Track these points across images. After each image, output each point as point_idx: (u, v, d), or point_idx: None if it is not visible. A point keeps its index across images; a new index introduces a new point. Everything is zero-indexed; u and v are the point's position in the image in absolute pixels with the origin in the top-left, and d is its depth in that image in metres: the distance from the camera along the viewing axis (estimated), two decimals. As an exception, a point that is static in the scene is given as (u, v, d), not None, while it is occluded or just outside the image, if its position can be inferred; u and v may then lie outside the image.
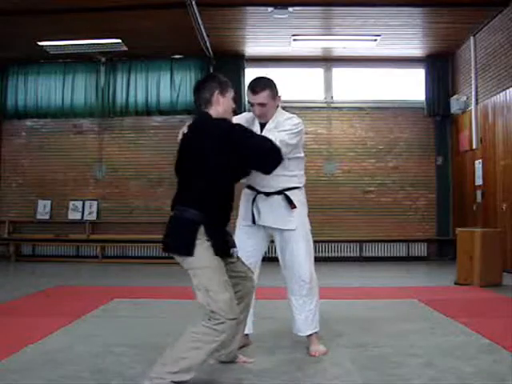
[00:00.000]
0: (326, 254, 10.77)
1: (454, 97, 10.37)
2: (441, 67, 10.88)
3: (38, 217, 11.16)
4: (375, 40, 9.79)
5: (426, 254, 10.86)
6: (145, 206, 10.94)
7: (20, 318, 4.82)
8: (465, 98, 10.13)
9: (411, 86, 11.14)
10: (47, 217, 11.17)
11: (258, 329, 3.88)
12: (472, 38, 9.66)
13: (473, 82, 9.71)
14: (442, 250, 10.82)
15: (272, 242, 3.82)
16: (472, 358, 3.41)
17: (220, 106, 3.14)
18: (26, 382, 2.91)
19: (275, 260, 3.70)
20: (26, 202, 11.25)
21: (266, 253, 3.97)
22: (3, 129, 11.50)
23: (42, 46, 10.03)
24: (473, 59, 9.69)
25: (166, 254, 3.18)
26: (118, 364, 3.29)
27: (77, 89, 11.18)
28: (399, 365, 3.24)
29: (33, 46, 10.01)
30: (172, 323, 4.49)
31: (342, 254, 10.83)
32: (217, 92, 3.14)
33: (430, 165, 11.05)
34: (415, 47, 10.47)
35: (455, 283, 7.20)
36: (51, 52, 10.38)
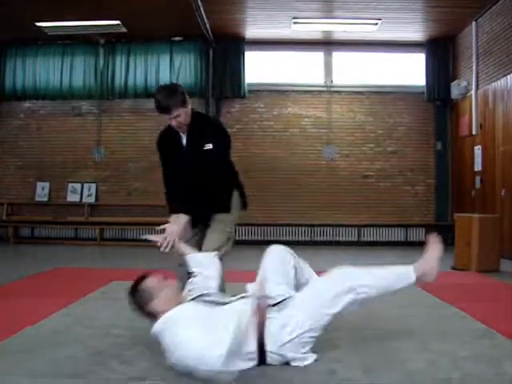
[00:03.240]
0: (324, 238, 10.80)
1: (455, 82, 10.34)
2: (441, 52, 10.83)
3: (37, 199, 11.17)
4: (376, 24, 9.74)
5: (424, 239, 10.86)
6: (144, 188, 10.93)
7: (19, 299, 4.84)
8: (465, 83, 10.10)
9: (411, 70, 11.10)
10: (46, 199, 11.17)
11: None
12: (474, 22, 9.60)
13: (474, 67, 9.68)
14: (441, 235, 10.79)
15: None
16: (467, 342, 3.43)
17: None
18: (27, 363, 2.92)
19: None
20: (25, 183, 11.25)
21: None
22: (1, 110, 11.45)
23: (40, 26, 9.96)
24: (474, 44, 9.65)
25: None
26: (116, 345, 3.31)
27: (75, 70, 11.13)
28: (395, 348, 3.27)
29: (31, 27, 9.94)
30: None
31: (340, 239, 10.85)
32: None
33: (429, 150, 11.05)
34: (416, 31, 10.41)
35: (452, 268, 7.23)
36: (49, 33, 10.32)
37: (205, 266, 3.35)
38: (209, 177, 3.65)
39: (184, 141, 3.71)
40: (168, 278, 3.18)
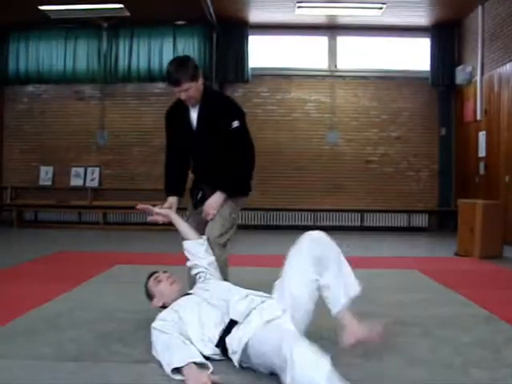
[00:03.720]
0: (327, 223, 10.80)
1: (460, 67, 10.29)
2: (446, 37, 10.76)
3: (41, 183, 11.19)
4: (380, 8, 9.68)
5: (426, 225, 10.89)
6: (147, 172, 10.94)
7: (23, 283, 4.87)
8: (470, 68, 10.04)
9: (416, 55, 11.04)
10: (49, 183, 11.19)
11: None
12: (480, 7, 9.52)
13: (479, 52, 9.61)
14: (443, 222, 10.86)
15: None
16: (469, 328, 3.44)
17: None
18: (31, 345, 2.94)
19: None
20: (29, 168, 11.26)
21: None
22: (5, 94, 11.45)
23: (44, 10, 9.92)
24: (480, 29, 9.57)
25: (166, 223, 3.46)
26: (120, 329, 3.33)
27: (79, 54, 11.11)
28: (397, 334, 3.27)
29: (34, 11, 9.89)
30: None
31: (343, 223, 10.86)
32: None
33: (433, 136, 11.02)
34: (421, 16, 10.33)
35: (455, 254, 7.24)
36: (53, 17, 10.27)
37: (194, 254, 3.36)
38: (230, 155, 3.56)
39: (194, 116, 3.62)
40: (168, 273, 3.21)
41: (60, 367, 2.64)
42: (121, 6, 9.73)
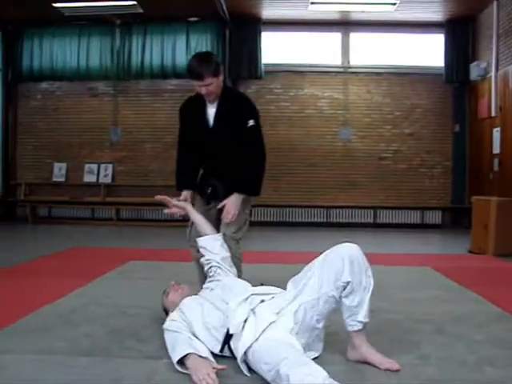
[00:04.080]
0: (340, 220, 10.79)
1: (474, 63, 10.20)
2: (461, 32, 10.67)
3: (54, 179, 11.25)
4: (394, 4, 9.62)
5: (440, 222, 10.84)
6: (160, 169, 10.96)
7: (36, 278, 4.90)
8: (485, 64, 9.96)
9: (430, 51, 10.97)
10: (63, 179, 11.25)
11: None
12: (495, 2, 9.43)
13: (494, 47, 9.53)
14: (457, 219, 10.80)
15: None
16: (482, 325, 3.42)
17: None
18: (45, 340, 2.96)
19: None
20: (42, 164, 11.33)
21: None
22: (19, 91, 11.52)
23: (57, 7, 9.96)
24: (495, 24, 9.48)
25: (183, 217, 3.48)
26: (133, 325, 3.34)
27: (92, 51, 11.14)
28: (410, 330, 3.27)
29: (48, 8, 9.93)
30: (188, 285, 4.56)
31: (356, 220, 10.84)
32: None
33: (446, 132, 10.95)
34: (435, 11, 10.26)
35: (469, 252, 7.21)
36: (66, 14, 10.31)
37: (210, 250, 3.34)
38: (243, 153, 3.60)
39: (211, 112, 3.64)
40: (173, 282, 3.26)
41: (73, 362, 2.65)
42: (134, 2, 9.75)
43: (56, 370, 2.56)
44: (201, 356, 2.51)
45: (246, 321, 2.58)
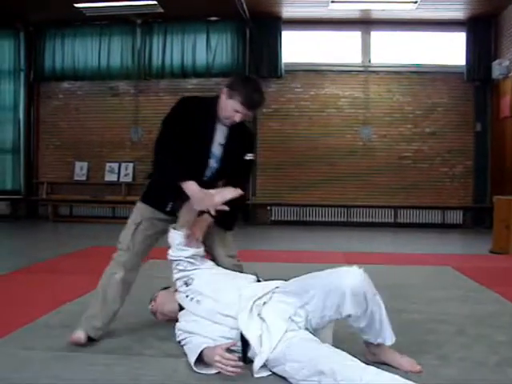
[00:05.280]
0: (360, 220, 10.75)
1: (496, 61, 10.09)
2: (483, 30, 10.56)
3: (76, 178, 11.35)
4: (415, 2, 9.56)
5: (461, 222, 10.75)
6: (180, 168, 10.98)
7: (58, 276, 4.95)
8: (507, 62, 9.85)
9: (451, 50, 10.87)
10: (84, 178, 11.35)
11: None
12: (517, -1, 9.36)
13: (516, 46, 9.44)
14: (478, 218, 10.70)
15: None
16: (504, 326, 3.39)
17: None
18: (66, 338, 2.97)
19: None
20: (64, 163, 11.44)
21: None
22: (41, 91, 11.64)
23: (79, 7, 10.04)
24: (517, 22, 9.40)
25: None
26: (152, 323, 3.35)
27: (113, 51, 11.23)
28: (431, 331, 3.25)
29: (69, 8, 10.02)
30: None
31: (376, 220, 10.79)
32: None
33: (468, 131, 10.85)
34: (457, 9, 10.16)
35: (490, 252, 7.14)
36: (87, 14, 10.40)
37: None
38: (231, 185, 3.15)
39: (220, 133, 3.21)
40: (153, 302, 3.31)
41: (95, 360, 2.68)
42: (154, 2, 9.81)
43: (78, 367, 2.59)
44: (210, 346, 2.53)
45: (260, 338, 2.53)
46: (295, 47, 11.07)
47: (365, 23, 10.88)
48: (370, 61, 11.00)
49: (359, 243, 8.24)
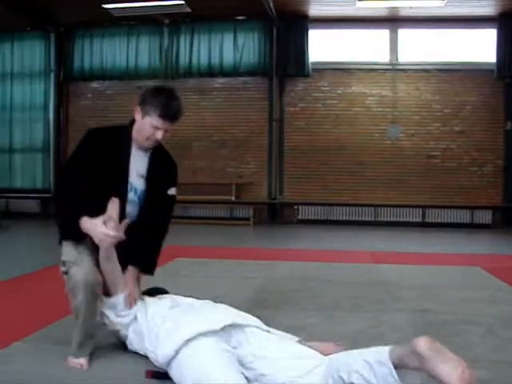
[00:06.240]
0: (388, 219, 10.68)
1: (527, 58, 9.95)
2: (514, 27, 10.42)
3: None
4: (444, -1, 9.47)
5: (490, 222, 10.61)
6: (208, 167, 11.04)
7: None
8: (538, 59, 9.70)
9: (481, 47, 10.73)
10: (112, 177, 11.43)
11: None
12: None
13: (547, 42, 9.28)
14: (508, 218, 10.56)
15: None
16: (535, 328, 3.35)
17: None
18: (98, 335, 2.97)
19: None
20: (92, 162, 11.54)
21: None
22: (70, 91, 11.80)
23: (107, 8, 10.15)
24: (548, 19, 9.24)
25: (229, 215, 3.22)
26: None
27: (141, 51, 11.34)
28: (459, 332, 3.21)
29: (98, 9, 10.14)
30: (232, 283, 4.59)
31: (404, 219, 10.70)
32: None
33: (497, 130, 10.71)
34: (487, 6, 10.03)
35: (521, 252, 7.04)
36: (115, 14, 10.50)
37: None
38: (151, 221, 2.91)
39: (140, 162, 2.92)
40: None
41: (123, 357, 2.70)
42: (182, 2, 9.86)
43: (107, 363, 2.62)
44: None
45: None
46: (322, 46, 11.03)
47: (392, 21, 10.80)
48: (397, 59, 10.92)
49: (387, 243, 8.19)
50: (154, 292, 3.00)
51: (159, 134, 2.82)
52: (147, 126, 2.84)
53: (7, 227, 9.18)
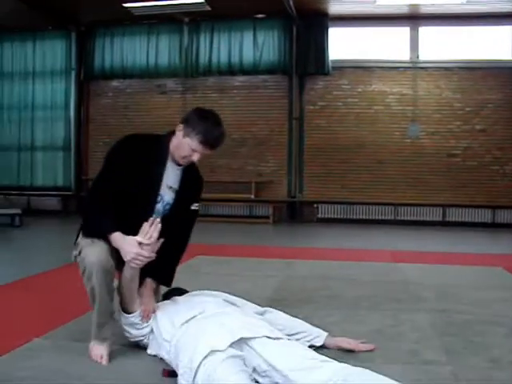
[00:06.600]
0: (408, 218, 10.61)
1: (550, 56, 9.83)
2: (536, 24, 10.30)
3: (125, 175, 11.51)
4: (465, -5, 9.38)
5: (512, 221, 10.51)
6: (227, 164, 11.06)
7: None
8: (561, 57, 9.58)
9: (503, 44, 10.61)
10: (132, 175, 11.50)
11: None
12: None
13: None
14: (529, 217, 10.44)
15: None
16: (558, 328, 3.31)
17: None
18: (117, 330, 2.98)
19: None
20: (113, 160, 11.61)
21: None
22: (91, 89, 11.89)
23: (127, 7, 10.21)
24: None
25: (249, 213, 3.20)
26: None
27: (161, 49, 11.38)
28: (480, 332, 3.18)
29: (118, 8, 10.21)
30: (252, 282, 4.59)
31: (424, 218, 10.63)
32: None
33: (520, 128, 10.60)
34: (510, 1, 9.88)
35: (543, 251, 6.96)
36: (136, 13, 10.56)
37: None
38: (173, 238, 2.87)
39: (173, 175, 2.93)
40: None
41: (139, 354, 2.72)
42: (202, 0, 9.88)
43: (125, 360, 2.64)
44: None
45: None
46: (342, 44, 10.99)
47: (413, 18, 10.72)
48: (418, 57, 10.84)
49: (407, 242, 8.15)
50: (174, 293, 3.04)
51: (196, 157, 2.85)
52: (186, 146, 2.80)
53: (28, 224, 9.27)
